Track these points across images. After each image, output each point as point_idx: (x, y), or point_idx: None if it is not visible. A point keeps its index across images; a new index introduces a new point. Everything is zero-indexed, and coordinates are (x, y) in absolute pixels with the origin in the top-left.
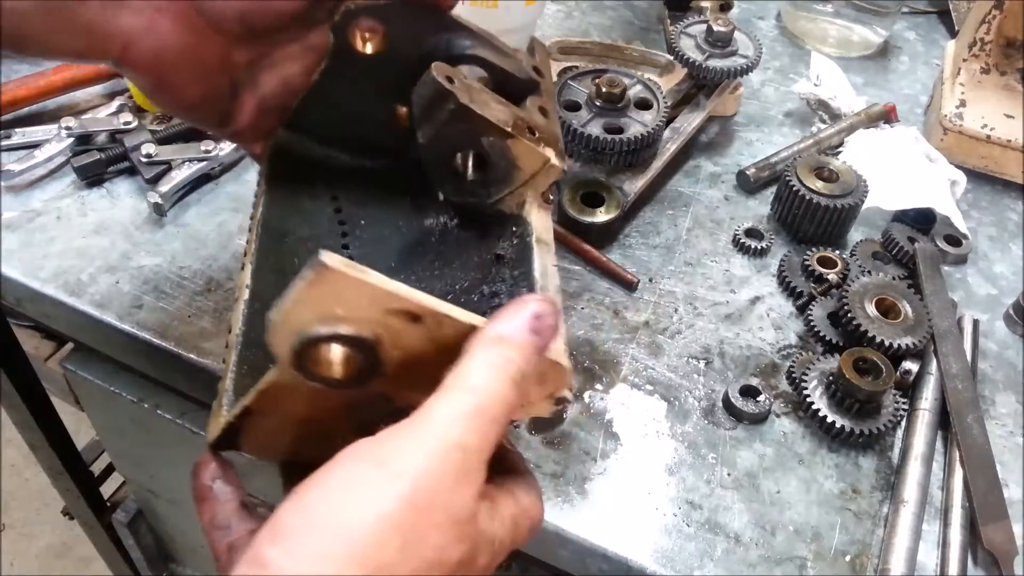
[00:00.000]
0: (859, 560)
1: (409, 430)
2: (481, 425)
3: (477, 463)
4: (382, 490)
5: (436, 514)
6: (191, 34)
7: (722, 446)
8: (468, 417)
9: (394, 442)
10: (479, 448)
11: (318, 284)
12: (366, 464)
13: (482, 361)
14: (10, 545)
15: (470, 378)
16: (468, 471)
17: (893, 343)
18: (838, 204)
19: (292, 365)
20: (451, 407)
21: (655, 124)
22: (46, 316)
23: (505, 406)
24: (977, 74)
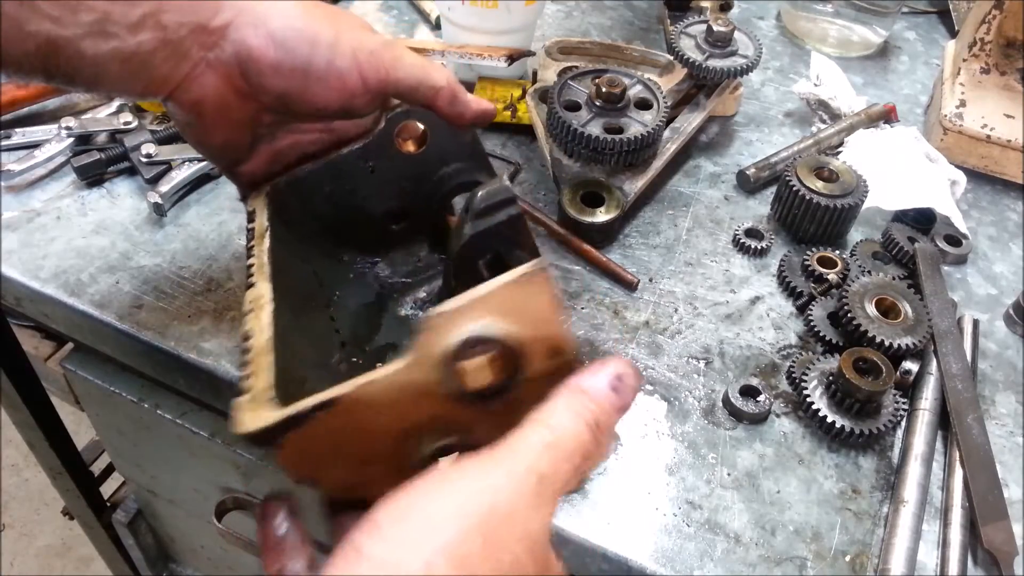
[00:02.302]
0: (859, 560)
1: (491, 454)
2: (556, 457)
3: (551, 492)
4: (468, 498)
5: (515, 527)
6: (232, 93)
7: (722, 446)
8: (545, 447)
9: (478, 462)
10: (553, 478)
11: (525, 286)
12: (453, 477)
13: (563, 405)
14: (10, 545)
15: (551, 417)
16: (542, 496)
17: (893, 343)
18: (838, 204)
19: (442, 362)
20: (531, 438)
21: (655, 124)
22: (46, 316)
23: (579, 446)
24: (977, 74)
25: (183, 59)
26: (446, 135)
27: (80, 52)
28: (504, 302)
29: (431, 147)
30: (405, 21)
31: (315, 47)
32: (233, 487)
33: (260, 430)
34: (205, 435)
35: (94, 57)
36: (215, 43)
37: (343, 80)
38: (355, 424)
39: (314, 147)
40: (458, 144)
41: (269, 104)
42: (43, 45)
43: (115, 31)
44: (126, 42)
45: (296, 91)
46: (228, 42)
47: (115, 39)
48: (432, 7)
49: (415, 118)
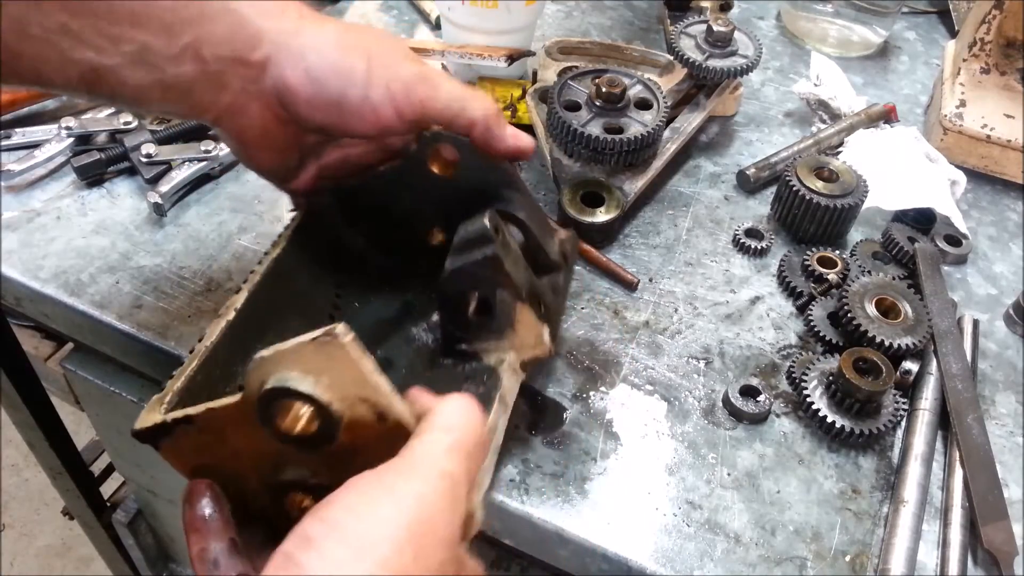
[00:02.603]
0: (859, 560)
1: (404, 462)
2: (461, 458)
3: (462, 491)
4: (396, 507)
5: (437, 532)
6: (274, 121)
7: (722, 446)
8: (450, 450)
9: (394, 471)
10: (463, 477)
11: (321, 349)
12: (375, 487)
13: (453, 407)
14: (10, 545)
15: (445, 420)
16: (456, 496)
17: (893, 343)
18: (838, 204)
19: (257, 403)
20: (435, 442)
21: (655, 124)
22: (46, 316)
23: (477, 447)
24: (977, 74)
25: (223, 90)
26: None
27: (122, 80)
28: (307, 360)
29: (465, 172)
30: (405, 21)
31: (349, 82)
32: None
33: (138, 430)
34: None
35: (136, 85)
36: (256, 76)
37: (377, 113)
38: (213, 440)
39: (363, 159)
40: (494, 171)
41: (311, 130)
42: (87, 72)
43: (155, 62)
44: (166, 72)
45: (333, 122)
46: (268, 76)
47: (156, 69)
48: (432, 7)
49: (447, 142)
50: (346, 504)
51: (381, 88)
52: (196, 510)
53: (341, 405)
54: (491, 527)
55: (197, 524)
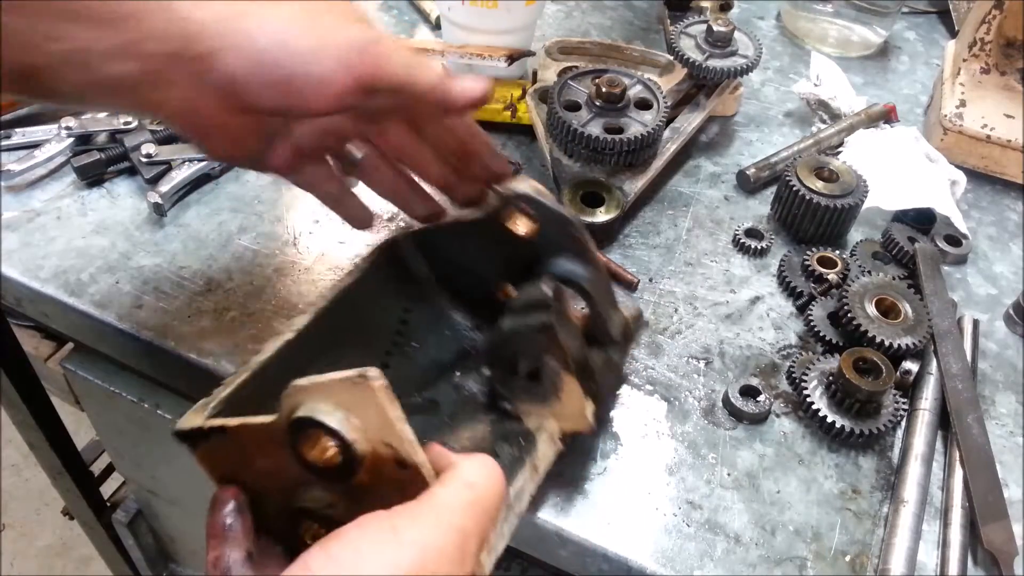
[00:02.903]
0: (859, 560)
1: (419, 508)
2: (477, 514)
3: (473, 548)
4: (397, 553)
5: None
6: (229, 111)
7: (722, 446)
8: (468, 505)
9: (407, 516)
10: (475, 535)
11: (353, 388)
12: (383, 529)
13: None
14: (10, 545)
15: (468, 475)
16: (465, 553)
17: (893, 343)
18: (838, 204)
19: (286, 428)
20: (454, 495)
21: (655, 124)
22: (46, 316)
23: (495, 507)
24: (977, 74)
25: (171, 86)
26: (556, 227)
27: (59, 78)
28: (339, 396)
29: (540, 236)
30: (405, 21)
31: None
32: None
33: (178, 431)
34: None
35: (74, 84)
36: (203, 70)
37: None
38: (243, 453)
39: (337, 131)
40: (566, 238)
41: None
42: (20, 70)
43: (92, 61)
44: (105, 72)
45: (288, 104)
46: (215, 68)
47: (93, 69)
48: (432, 7)
49: (525, 205)
50: (351, 540)
51: (331, 61)
52: (218, 517)
53: (365, 445)
54: None
55: (217, 530)
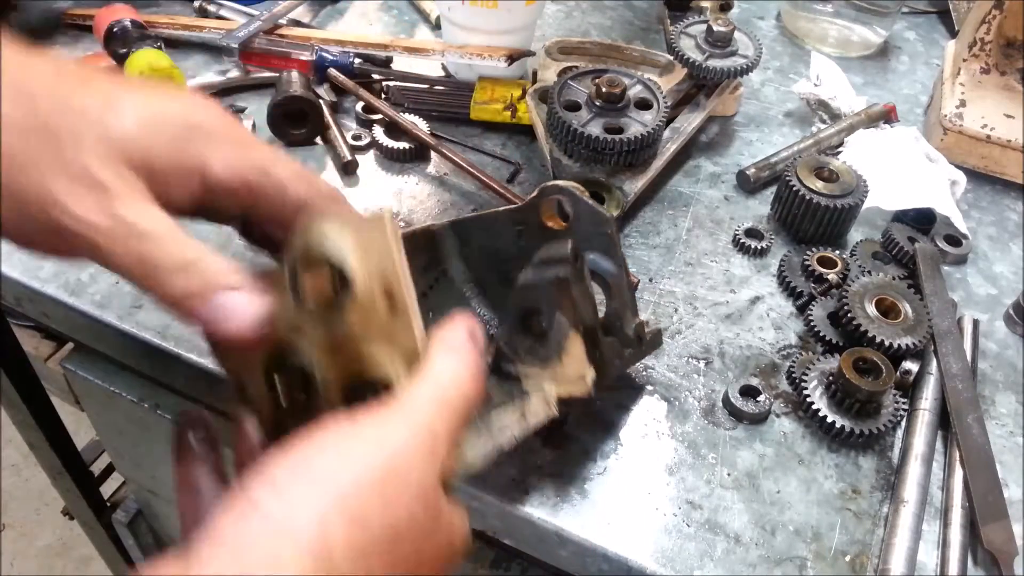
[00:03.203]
0: (859, 560)
1: (387, 410)
2: (446, 413)
3: (443, 447)
4: (365, 456)
5: (411, 484)
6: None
7: (722, 446)
8: (437, 403)
9: (374, 418)
10: (445, 434)
11: (366, 222)
12: (349, 433)
13: (443, 361)
14: (10, 545)
15: (436, 374)
16: (435, 452)
17: (893, 343)
18: (838, 204)
19: (295, 262)
20: (422, 394)
21: (655, 124)
22: (46, 316)
23: (466, 399)
24: (977, 74)
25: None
26: (590, 224)
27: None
28: (350, 232)
29: (573, 232)
30: (405, 21)
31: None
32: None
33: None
34: None
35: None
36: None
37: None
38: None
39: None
40: (598, 235)
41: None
42: None
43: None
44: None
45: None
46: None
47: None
48: (432, 7)
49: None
50: (315, 442)
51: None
52: (186, 436)
53: (361, 273)
54: (491, 527)
55: (185, 450)
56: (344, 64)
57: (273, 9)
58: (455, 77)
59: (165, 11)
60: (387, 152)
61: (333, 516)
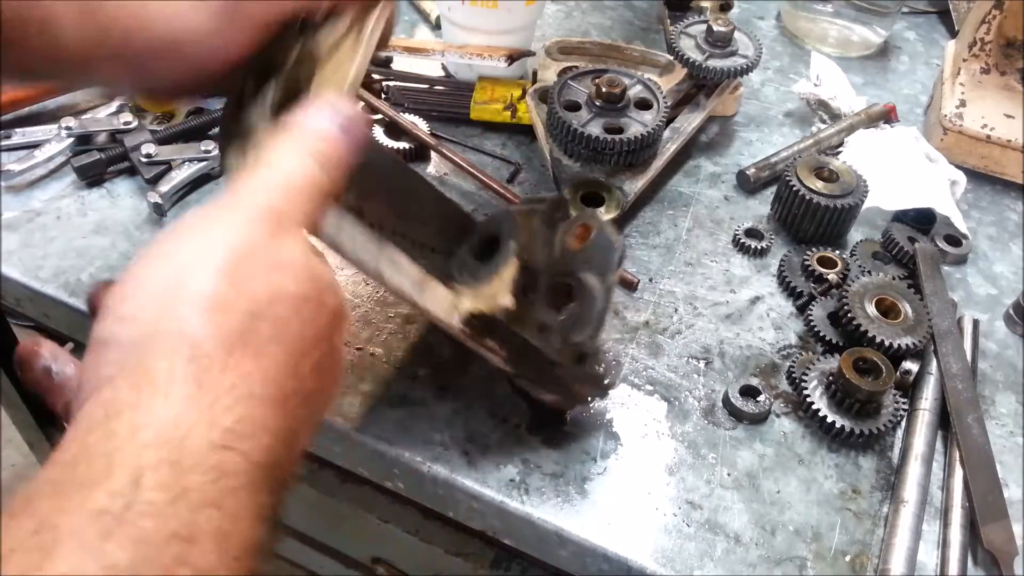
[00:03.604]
0: (859, 560)
1: (221, 201)
2: (288, 193)
3: (292, 223)
4: (204, 248)
5: (259, 260)
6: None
7: (722, 446)
8: (275, 186)
9: (209, 211)
10: (290, 211)
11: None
12: (186, 230)
13: (287, 148)
14: None
15: (276, 161)
16: (284, 227)
17: (893, 343)
18: (838, 204)
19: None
20: (257, 180)
21: (655, 124)
22: (46, 316)
23: (311, 181)
24: (977, 74)
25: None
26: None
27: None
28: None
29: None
30: (405, 21)
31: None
32: None
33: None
34: None
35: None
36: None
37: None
38: None
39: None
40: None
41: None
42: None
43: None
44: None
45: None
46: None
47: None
48: (432, 7)
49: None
50: (158, 246)
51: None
52: (36, 370)
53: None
54: (491, 527)
55: (46, 382)
56: None
57: None
58: (455, 77)
59: None
60: None
61: (191, 315)
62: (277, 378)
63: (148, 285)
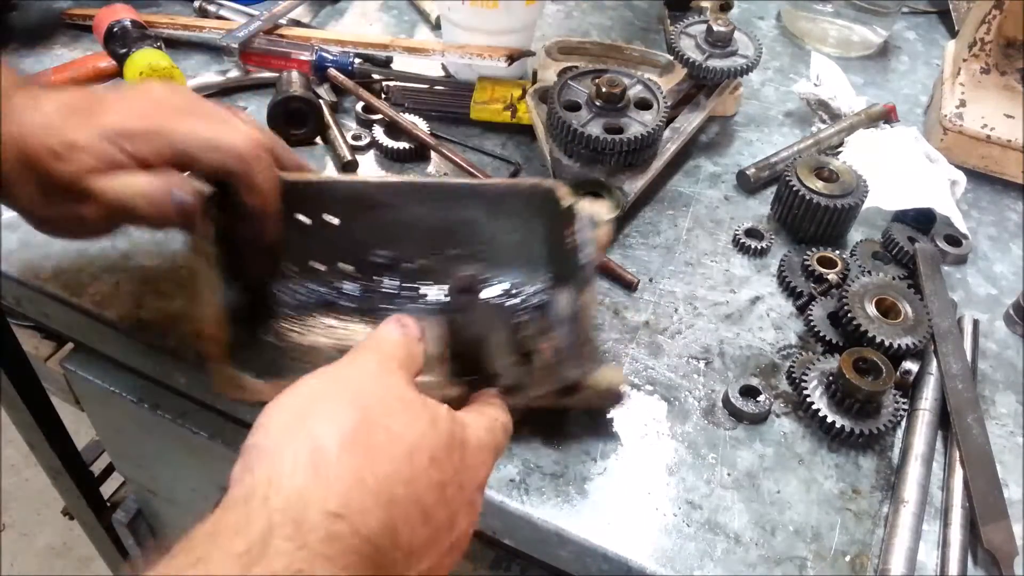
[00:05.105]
0: (859, 560)
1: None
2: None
3: (394, 364)
4: (335, 384)
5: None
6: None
7: (722, 446)
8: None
9: (341, 360)
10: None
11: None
12: (320, 373)
13: (383, 331)
14: (10, 545)
15: (378, 339)
16: (391, 369)
17: (893, 343)
18: (838, 204)
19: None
20: (365, 353)
21: (655, 124)
22: (46, 316)
23: (405, 357)
24: (977, 74)
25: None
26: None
27: None
28: None
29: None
30: (405, 21)
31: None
32: None
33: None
34: (205, 435)
35: None
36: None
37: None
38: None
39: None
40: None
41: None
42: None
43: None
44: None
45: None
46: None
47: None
48: (432, 7)
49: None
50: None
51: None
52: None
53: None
54: (491, 527)
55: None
56: (344, 64)
57: (273, 9)
58: (455, 77)
59: (165, 11)
60: (387, 152)
61: (313, 421)
62: (387, 476)
63: (285, 408)
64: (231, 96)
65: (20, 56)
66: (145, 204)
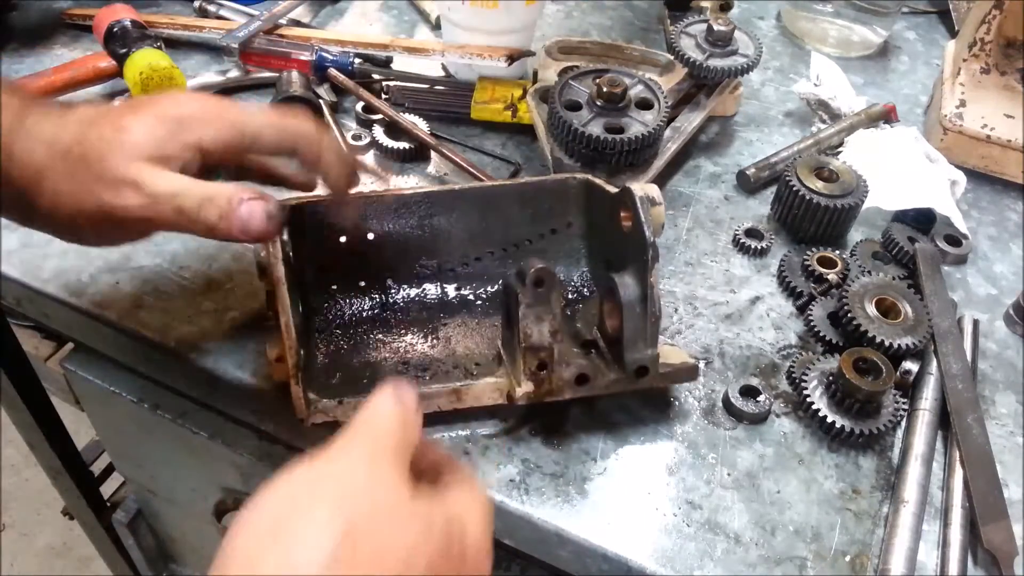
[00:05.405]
0: (859, 560)
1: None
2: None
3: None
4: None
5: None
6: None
7: (722, 446)
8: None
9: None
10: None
11: None
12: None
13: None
14: (10, 545)
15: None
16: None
17: (893, 343)
18: (838, 204)
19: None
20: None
21: (656, 124)
22: (46, 316)
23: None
24: (977, 74)
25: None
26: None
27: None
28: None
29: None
30: (405, 21)
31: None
32: (233, 487)
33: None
34: (205, 435)
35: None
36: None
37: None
38: None
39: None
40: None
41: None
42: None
43: None
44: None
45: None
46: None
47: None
48: (432, 7)
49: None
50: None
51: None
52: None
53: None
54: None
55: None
56: (344, 64)
57: (273, 9)
58: (455, 77)
59: (165, 11)
60: (387, 152)
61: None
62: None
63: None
64: (231, 96)
65: (20, 56)
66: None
